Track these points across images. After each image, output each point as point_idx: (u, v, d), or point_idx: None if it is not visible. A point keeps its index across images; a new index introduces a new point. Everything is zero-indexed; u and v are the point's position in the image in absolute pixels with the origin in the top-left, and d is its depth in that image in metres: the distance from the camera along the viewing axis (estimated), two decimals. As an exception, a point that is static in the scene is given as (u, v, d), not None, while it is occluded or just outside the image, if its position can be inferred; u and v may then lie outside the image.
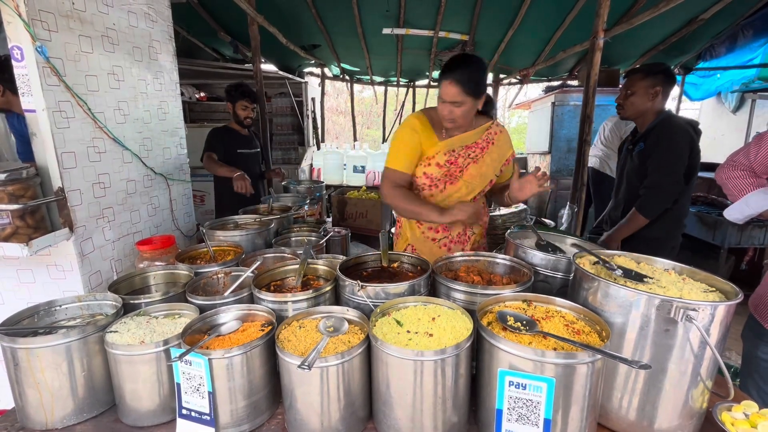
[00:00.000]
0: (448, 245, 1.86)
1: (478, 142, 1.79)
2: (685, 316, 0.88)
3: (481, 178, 1.79)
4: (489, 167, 1.79)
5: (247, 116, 3.14)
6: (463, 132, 1.76)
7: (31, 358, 1.04)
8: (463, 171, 1.78)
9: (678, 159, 2.06)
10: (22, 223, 1.42)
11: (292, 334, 1.08)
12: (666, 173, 2.07)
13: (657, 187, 2.08)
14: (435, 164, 1.76)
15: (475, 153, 1.78)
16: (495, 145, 1.80)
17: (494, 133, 1.81)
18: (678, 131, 2.07)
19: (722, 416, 0.99)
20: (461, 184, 1.80)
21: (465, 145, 1.77)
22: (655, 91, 2.15)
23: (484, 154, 1.78)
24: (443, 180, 1.79)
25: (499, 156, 1.81)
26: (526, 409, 0.89)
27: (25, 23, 1.36)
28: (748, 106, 5.97)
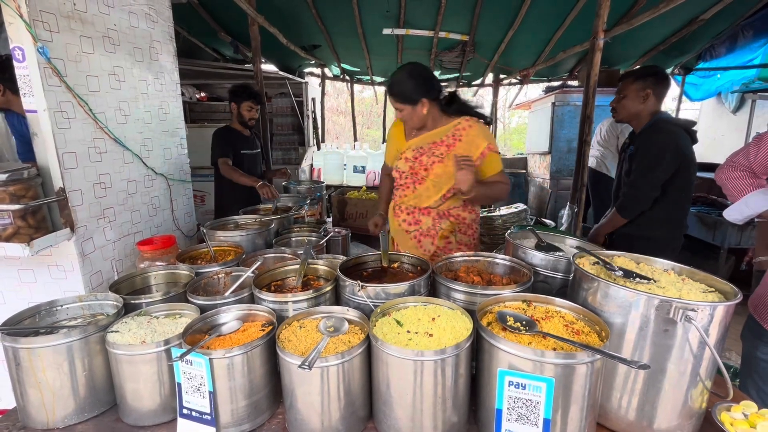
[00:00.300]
0: (418, 237, 1.96)
1: (443, 140, 1.87)
2: (684, 316, 0.88)
3: (447, 176, 1.83)
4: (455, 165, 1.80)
5: (251, 117, 3.14)
6: (428, 131, 1.91)
7: (33, 357, 1.05)
8: (428, 170, 1.87)
9: (656, 162, 2.07)
10: (23, 223, 1.43)
11: (292, 334, 1.08)
12: (642, 175, 2.10)
13: (634, 188, 2.13)
14: (404, 158, 1.93)
15: (440, 151, 1.85)
16: (462, 142, 1.84)
17: (462, 129, 1.87)
18: (662, 135, 2.08)
19: (721, 416, 0.99)
20: (428, 183, 1.88)
21: (431, 142, 1.88)
22: (646, 93, 2.17)
23: (450, 151, 1.83)
24: (411, 179, 1.93)
25: (468, 152, 1.82)
26: (525, 409, 0.89)
27: (27, 24, 1.36)
28: (748, 107, 5.96)
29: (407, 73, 1.80)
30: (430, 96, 1.81)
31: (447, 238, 1.95)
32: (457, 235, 1.96)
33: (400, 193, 1.98)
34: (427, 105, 1.81)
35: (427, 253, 1.94)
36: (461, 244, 1.97)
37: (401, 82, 1.80)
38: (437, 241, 1.94)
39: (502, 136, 13.92)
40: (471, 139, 1.84)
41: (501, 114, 12.78)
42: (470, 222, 1.99)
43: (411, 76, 1.79)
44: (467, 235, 1.99)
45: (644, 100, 2.18)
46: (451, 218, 1.94)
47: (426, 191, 1.90)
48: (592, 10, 3.09)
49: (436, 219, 1.93)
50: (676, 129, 2.11)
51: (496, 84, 7.08)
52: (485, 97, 13.78)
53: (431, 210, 1.93)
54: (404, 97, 1.79)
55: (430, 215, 1.94)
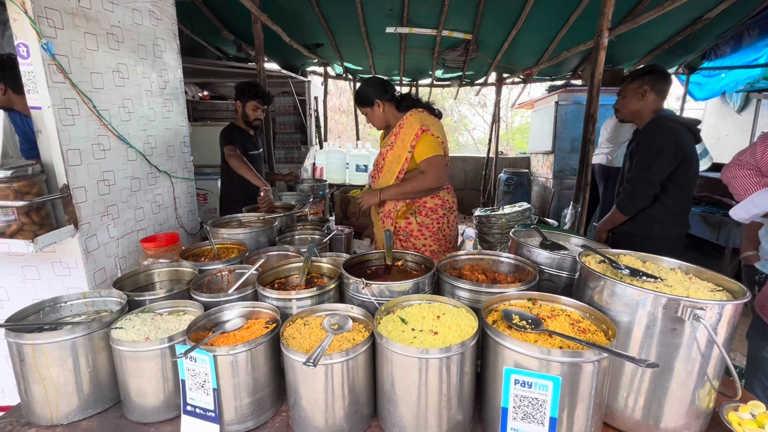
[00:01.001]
0: (383, 219, 2.23)
1: (394, 131, 2.19)
2: (692, 315, 0.88)
3: (396, 159, 2.15)
4: (400, 148, 2.13)
5: (257, 117, 3.08)
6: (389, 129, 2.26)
7: (37, 354, 1.05)
8: (385, 158, 2.20)
9: (654, 159, 2.06)
10: (27, 219, 1.43)
11: (296, 331, 1.08)
12: (640, 171, 2.09)
13: (632, 185, 2.13)
14: (379, 156, 2.28)
15: (390, 140, 2.19)
16: (404, 129, 2.14)
17: (405, 119, 2.16)
18: (661, 131, 2.06)
19: (729, 416, 0.98)
20: (385, 170, 2.21)
21: (388, 135, 2.24)
22: (643, 90, 2.18)
23: (396, 139, 2.16)
24: (377, 170, 2.28)
25: (408, 136, 2.11)
26: (531, 408, 0.89)
27: (31, 20, 1.36)
28: (753, 106, 5.92)
29: (364, 82, 2.26)
30: (383, 97, 2.17)
31: (406, 218, 2.20)
32: (418, 217, 2.20)
33: (374, 183, 2.35)
34: (383, 105, 2.19)
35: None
36: (423, 226, 2.20)
37: (359, 90, 2.24)
38: (396, 221, 2.21)
39: (504, 136, 13.88)
40: (410, 124, 2.12)
41: (504, 113, 12.77)
42: (433, 206, 2.21)
43: (366, 84, 2.23)
44: (430, 219, 2.21)
45: (642, 98, 2.18)
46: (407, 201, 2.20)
47: (384, 177, 2.20)
48: (596, 8, 3.07)
49: (394, 202, 2.20)
50: (677, 126, 2.09)
51: (499, 83, 7.05)
52: (488, 96, 13.75)
53: None
54: (362, 101, 2.20)
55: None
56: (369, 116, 2.25)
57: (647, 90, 2.16)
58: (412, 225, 2.19)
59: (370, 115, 2.24)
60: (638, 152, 2.13)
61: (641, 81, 2.19)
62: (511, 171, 6.75)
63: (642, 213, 2.19)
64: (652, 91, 2.16)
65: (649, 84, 2.17)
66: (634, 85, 2.22)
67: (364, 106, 2.21)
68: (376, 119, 2.24)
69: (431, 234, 2.21)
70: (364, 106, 2.21)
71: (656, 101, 2.18)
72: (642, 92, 2.18)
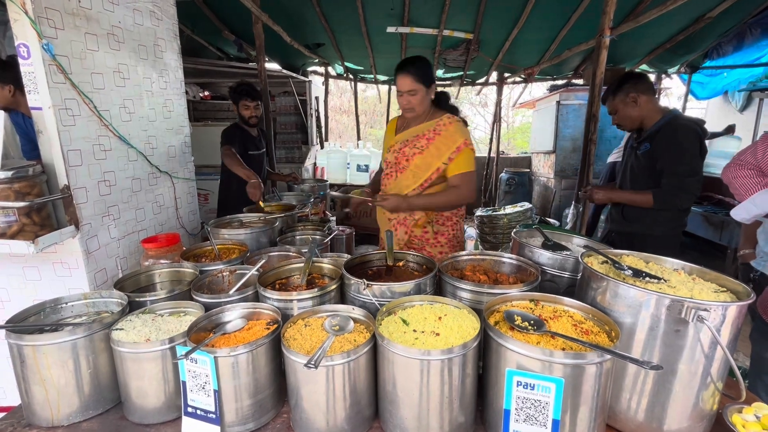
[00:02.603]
0: (396, 225, 2.08)
1: (425, 133, 1.99)
2: (696, 316, 0.87)
3: (425, 166, 1.97)
4: (434, 157, 1.95)
5: (251, 115, 3.11)
6: (416, 126, 2.02)
7: (38, 355, 1.04)
8: (410, 160, 2.00)
9: (695, 158, 2.05)
10: (28, 220, 1.42)
11: (297, 332, 1.08)
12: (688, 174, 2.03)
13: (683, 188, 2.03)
14: (391, 151, 2.08)
15: (421, 143, 1.98)
16: (441, 136, 1.95)
17: (443, 125, 1.97)
18: (687, 131, 2.05)
19: (733, 418, 0.98)
20: (408, 172, 2.02)
21: (414, 135, 2.01)
22: (631, 98, 2.17)
23: (430, 144, 1.97)
24: (394, 168, 2.07)
25: (446, 146, 1.94)
26: (534, 410, 0.88)
27: (32, 21, 1.36)
28: (756, 105, 5.90)
29: (424, 60, 1.94)
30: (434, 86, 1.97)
31: (423, 227, 2.06)
32: (435, 226, 2.07)
33: (384, 182, 2.15)
34: (432, 93, 1.97)
35: (400, 241, 2.07)
36: (439, 234, 2.08)
37: (423, 63, 1.91)
38: (412, 230, 2.06)
39: (506, 135, 13.87)
40: (450, 134, 1.95)
41: (505, 113, 12.75)
42: (449, 215, 2.09)
43: (427, 63, 1.93)
44: (446, 227, 2.09)
45: (636, 104, 2.16)
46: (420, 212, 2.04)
47: (405, 180, 2.02)
48: (598, 7, 3.06)
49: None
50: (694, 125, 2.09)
51: (500, 82, 7.04)
52: (489, 95, 13.74)
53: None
54: (424, 77, 1.89)
55: None
56: (418, 96, 1.91)
57: (636, 96, 2.15)
58: (428, 233, 2.07)
59: (420, 96, 1.91)
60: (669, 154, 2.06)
61: (623, 93, 2.19)
62: (512, 171, 6.74)
63: (642, 212, 2.18)
64: (641, 94, 2.15)
65: (633, 90, 2.16)
66: (619, 99, 2.21)
67: (422, 82, 1.89)
68: (424, 103, 1.95)
69: (447, 241, 2.10)
70: (422, 83, 1.89)
71: (651, 100, 2.17)
72: (632, 100, 2.17)
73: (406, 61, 1.92)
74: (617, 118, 2.28)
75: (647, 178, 2.16)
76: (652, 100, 2.17)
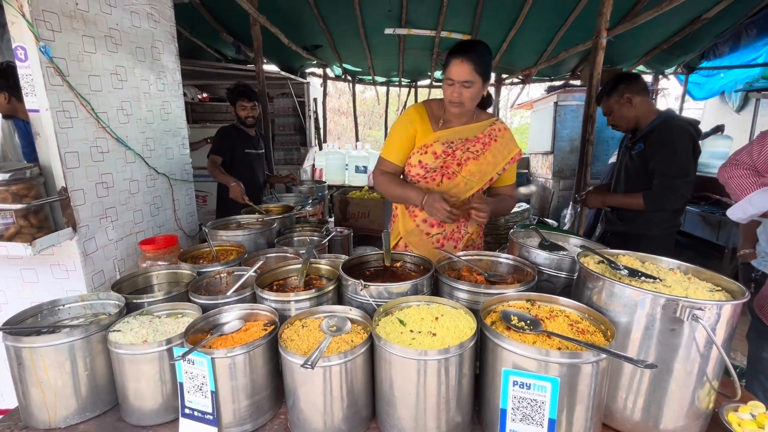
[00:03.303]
0: (441, 241, 1.81)
1: (479, 136, 1.74)
2: (691, 315, 0.87)
3: (480, 175, 1.74)
4: (490, 165, 1.74)
5: (247, 116, 3.14)
6: (463, 124, 1.75)
7: (35, 357, 1.04)
8: (461, 166, 1.73)
9: (687, 160, 2.06)
10: (25, 222, 1.42)
11: (294, 333, 1.08)
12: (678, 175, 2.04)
13: (672, 189, 2.05)
14: (431, 153, 1.72)
15: (476, 148, 1.73)
16: (498, 143, 1.75)
17: (498, 130, 1.77)
18: (681, 132, 2.06)
19: (729, 417, 0.98)
20: (459, 179, 1.74)
21: (464, 138, 1.73)
22: (626, 99, 2.18)
23: (485, 150, 1.73)
24: (439, 173, 1.74)
25: (502, 154, 1.76)
26: (530, 409, 0.88)
27: (29, 23, 1.36)
28: (752, 105, 5.93)
29: (488, 48, 1.63)
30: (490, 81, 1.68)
31: (473, 241, 1.86)
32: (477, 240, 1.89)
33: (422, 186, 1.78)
34: (486, 89, 1.69)
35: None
36: (476, 246, 1.89)
37: (484, 51, 1.61)
38: (461, 245, 1.82)
39: (504, 136, 13.87)
40: (506, 142, 1.77)
41: (503, 113, 12.76)
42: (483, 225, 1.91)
43: (490, 53, 1.64)
44: (480, 237, 1.92)
45: (631, 105, 2.17)
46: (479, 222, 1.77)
47: (454, 188, 1.74)
48: (595, 8, 3.08)
49: (462, 221, 1.79)
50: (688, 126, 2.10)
51: (498, 84, 7.06)
52: (487, 97, 13.76)
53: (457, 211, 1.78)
54: (483, 68, 1.59)
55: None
56: (473, 89, 1.60)
57: (631, 96, 2.16)
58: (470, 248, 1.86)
59: (475, 89, 1.61)
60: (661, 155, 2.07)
61: (618, 94, 2.20)
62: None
63: (637, 213, 2.19)
64: (635, 94, 2.16)
65: (628, 90, 2.17)
66: (614, 99, 2.22)
67: (480, 74, 1.59)
68: (473, 99, 1.65)
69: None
70: (480, 75, 1.59)
71: (645, 100, 2.18)
72: (627, 100, 2.18)
73: (466, 45, 1.59)
74: (612, 119, 2.29)
75: (641, 179, 2.18)
76: (646, 101, 2.19)
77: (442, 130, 1.75)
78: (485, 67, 1.60)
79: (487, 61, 1.60)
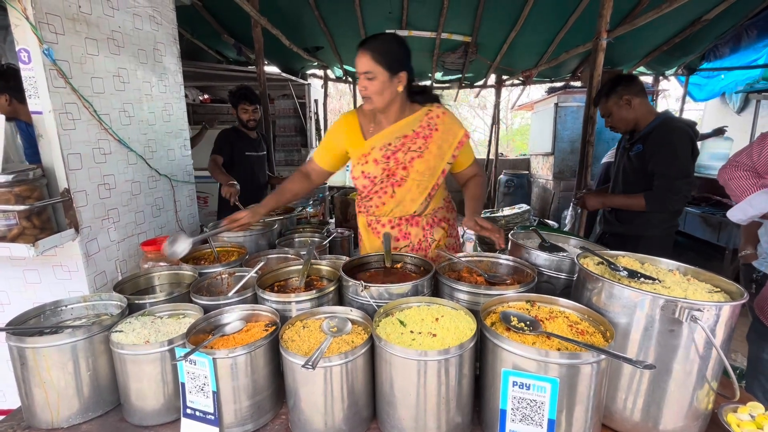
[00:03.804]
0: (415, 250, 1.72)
1: (417, 131, 1.61)
2: (690, 316, 0.88)
3: (430, 171, 1.63)
4: (437, 157, 1.62)
5: (249, 119, 3.15)
6: (393, 122, 1.63)
7: (38, 357, 1.05)
8: (408, 168, 1.62)
9: (687, 160, 2.07)
10: (28, 223, 1.43)
11: (295, 334, 1.09)
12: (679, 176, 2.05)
13: (673, 190, 2.05)
14: (372, 161, 1.63)
15: (417, 145, 1.61)
16: (440, 131, 1.62)
17: (436, 116, 1.63)
18: (680, 133, 2.07)
19: (728, 417, 0.98)
20: (410, 183, 1.64)
21: (401, 136, 1.61)
22: (625, 100, 2.18)
23: (428, 143, 1.61)
24: (388, 182, 1.65)
25: (447, 142, 1.63)
26: (530, 410, 0.89)
27: (33, 26, 1.37)
28: (753, 107, 5.93)
29: (394, 38, 1.53)
30: (409, 74, 1.56)
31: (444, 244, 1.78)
32: (447, 241, 1.80)
33: (376, 202, 1.69)
34: (404, 83, 1.54)
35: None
36: (449, 247, 1.80)
37: (388, 41, 1.50)
38: (431, 254, 1.71)
39: (504, 137, 13.90)
40: (448, 127, 1.63)
41: (503, 115, 12.77)
42: (453, 221, 1.85)
43: (396, 42, 1.52)
44: (453, 237, 1.83)
45: (629, 106, 2.18)
46: (442, 224, 1.75)
47: (408, 193, 1.65)
48: (595, 10, 3.08)
49: (427, 229, 1.71)
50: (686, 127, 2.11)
51: (498, 85, 7.07)
52: (487, 98, 13.77)
53: (419, 219, 1.71)
54: (386, 58, 1.46)
55: (420, 225, 1.71)
56: (377, 83, 1.49)
57: (630, 98, 2.17)
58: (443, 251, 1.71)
59: (379, 83, 1.49)
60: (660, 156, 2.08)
61: (617, 96, 2.20)
62: (511, 173, 6.76)
63: (635, 214, 2.20)
64: (634, 96, 2.17)
65: (627, 92, 2.17)
66: (612, 101, 2.22)
67: (384, 66, 1.47)
68: (386, 94, 1.52)
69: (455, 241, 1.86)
70: (383, 67, 1.47)
71: (643, 102, 2.19)
72: (626, 102, 2.18)
73: (371, 37, 1.53)
74: (611, 121, 2.30)
75: (640, 180, 2.18)
76: (645, 102, 2.19)
77: (374, 135, 1.65)
78: (388, 56, 1.47)
79: (390, 50, 1.48)
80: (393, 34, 1.56)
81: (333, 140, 1.73)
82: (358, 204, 1.79)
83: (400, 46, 1.53)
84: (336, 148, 1.73)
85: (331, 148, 1.75)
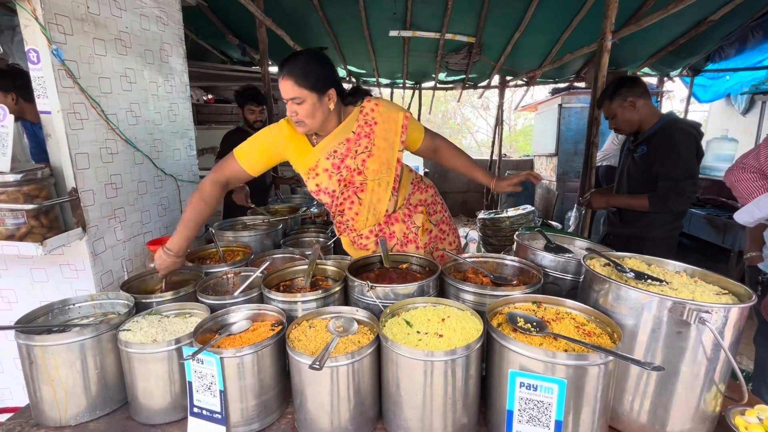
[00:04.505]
0: (400, 249, 1.67)
1: (357, 132, 1.55)
2: (698, 318, 0.88)
3: (386, 165, 1.57)
4: (387, 150, 1.56)
5: (255, 119, 3.16)
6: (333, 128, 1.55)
7: (46, 355, 1.06)
8: (363, 172, 1.56)
9: (691, 162, 2.07)
10: (36, 222, 1.44)
11: (302, 333, 1.09)
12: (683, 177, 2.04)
13: (678, 191, 2.05)
14: (323, 171, 1.56)
15: (362, 146, 1.55)
16: (379, 123, 1.56)
17: (370, 110, 1.57)
18: (684, 135, 2.06)
19: (735, 420, 0.98)
20: (372, 185, 1.58)
21: (344, 140, 1.54)
22: (630, 102, 2.17)
23: (372, 140, 1.55)
24: (349, 191, 1.59)
25: (392, 130, 1.57)
26: (537, 411, 0.89)
27: (42, 27, 1.38)
28: (759, 108, 5.89)
29: (313, 57, 1.43)
30: (337, 87, 1.49)
31: (428, 230, 1.73)
32: (432, 218, 1.77)
33: (349, 215, 1.62)
34: (334, 99, 1.47)
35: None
36: (441, 223, 1.78)
37: (308, 63, 1.40)
38: (421, 240, 1.68)
39: (508, 138, 13.87)
40: (386, 116, 1.56)
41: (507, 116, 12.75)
42: (433, 197, 1.80)
43: (316, 60, 1.42)
44: (439, 213, 1.80)
45: (633, 108, 2.17)
46: (419, 208, 1.71)
47: (373, 195, 1.60)
48: (600, 11, 3.07)
49: (407, 219, 1.67)
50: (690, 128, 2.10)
51: (502, 86, 7.06)
52: (491, 99, 13.75)
53: (396, 214, 1.67)
54: (311, 81, 1.39)
55: (399, 219, 1.67)
56: (306, 106, 1.42)
57: (634, 100, 2.16)
58: (434, 232, 1.77)
59: (308, 106, 1.42)
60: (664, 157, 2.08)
61: (621, 98, 2.19)
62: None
63: (639, 215, 2.19)
64: (638, 97, 2.16)
65: (631, 94, 2.16)
66: (617, 103, 2.21)
67: (311, 89, 1.40)
68: (318, 116, 1.45)
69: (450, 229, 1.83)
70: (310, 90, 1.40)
71: (647, 103, 2.19)
72: (630, 104, 2.18)
73: (288, 59, 1.42)
74: (615, 123, 2.29)
75: (644, 181, 2.18)
76: (648, 103, 2.19)
77: (319, 143, 1.57)
78: (312, 78, 1.40)
79: (311, 71, 1.40)
80: (310, 52, 1.45)
81: (271, 147, 1.58)
82: (336, 226, 1.71)
83: (321, 65, 1.44)
84: (274, 157, 1.61)
85: (267, 155, 1.59)
